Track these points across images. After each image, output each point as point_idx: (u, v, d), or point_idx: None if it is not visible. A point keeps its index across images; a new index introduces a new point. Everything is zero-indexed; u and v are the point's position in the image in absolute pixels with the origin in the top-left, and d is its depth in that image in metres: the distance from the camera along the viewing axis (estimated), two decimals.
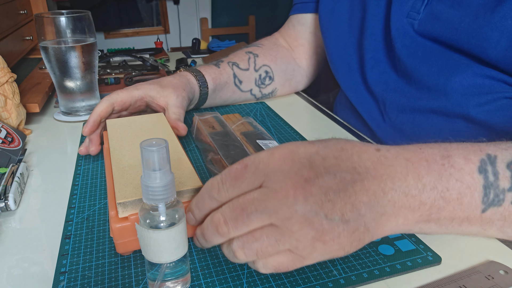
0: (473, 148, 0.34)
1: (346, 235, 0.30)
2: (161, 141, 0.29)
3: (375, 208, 0.31)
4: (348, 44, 0.67)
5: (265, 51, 0.76)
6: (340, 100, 0.77)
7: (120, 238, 0.35)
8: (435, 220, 0.33)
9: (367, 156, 0.32)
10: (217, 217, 0.31)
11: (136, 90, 0.58)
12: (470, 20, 0.48)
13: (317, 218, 0.29)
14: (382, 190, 0.31)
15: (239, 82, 0.72)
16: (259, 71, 0.74)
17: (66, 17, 0.66)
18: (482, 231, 0.35)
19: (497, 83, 0.50)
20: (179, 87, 0.61)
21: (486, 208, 0.33)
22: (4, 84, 0.61)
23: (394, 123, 0.61)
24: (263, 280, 0.34)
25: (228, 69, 0.71)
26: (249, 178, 0.31)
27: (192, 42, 1.25)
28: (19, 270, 0.36)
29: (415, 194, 0.32)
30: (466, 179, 0.33)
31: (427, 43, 0.55)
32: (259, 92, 0.76)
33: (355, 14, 0.66)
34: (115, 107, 0.56)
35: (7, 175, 0.47)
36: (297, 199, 0.29)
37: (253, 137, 0.54)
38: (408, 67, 0.57)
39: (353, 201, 0.30)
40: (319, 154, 0.31)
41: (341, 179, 0.30)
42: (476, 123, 0.52)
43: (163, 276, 0.31)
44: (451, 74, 0.52)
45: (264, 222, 0.30)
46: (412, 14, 0.56)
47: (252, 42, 0.81)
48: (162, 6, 3.37)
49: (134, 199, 0.35)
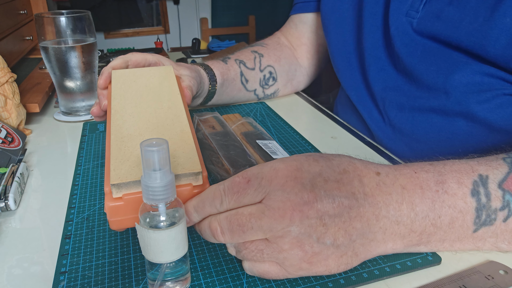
0: (466, 169, 0.35)
1: (334, 258, 0.31)
2: (161, 141, 0.29)
3: (366, 234, 0.32)
4: (348, 41, 0.67)
5: (270, 51, 0.76)
6: (340, 100, 0.77)
7: (113, 216, 0.34)
8: (425, 243, 0.34)
9: (367, 181, 0.33)
10: (214, 226, 0.32)
11: (151, 55, 0.58)
12: (470, 18, 0.48)
13: (309, 240, 0.30)
14: (376, 217, 0.32)
15: (246, 80, 0.72)
16: (264, 71, 0.74)
17: (66, 17, 0.66)
18: (476, 248, 0.35)
19: (496, 80, 0.50)
20: (192, 69, 0.61)
21: (478, 228, 0.34)
22: (4, 84, 0.61)
23: (393, 122, 0.61)
24: (263, 280, 0.34)
25: (236, 66, 0.71)
26: (250, 194, 0.31)
27: (192, 42, 1.25)
28: (19, 270, 0.36)
29: (407, 223, 0.33)
30: (459, 204, 0.33)
31: (426, 41, 0.55)
32: (262, 92, 0.76)
33: (354, 11, 0.66)
34: (129, 66, 0.56)
35: (7, 175, 0.47)
36: (293, 221, 0.30)
37: (253, 137, 0.54)
38: (407, 66, 0.57)
39: (347, 227, 0.31)
40: (322, 175, 0.32)
41: (339, 204, 0.31)
42: (476, 121, 0.52)
43: (163, 276, 0.31)
44: (450, 72, 0.52)
45: (259, 237, 0.31)
46: (411, 13, 0.56)
47: (252, 42, 0.81)
48: (162, 6, 3.37)
49: (129, 181, 0.33)
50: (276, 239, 0.30)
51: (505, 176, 0.34)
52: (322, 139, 0.62)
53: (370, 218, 0.32)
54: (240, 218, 0.31)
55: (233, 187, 0.32)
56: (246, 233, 0.31)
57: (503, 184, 0.33)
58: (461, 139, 0.54)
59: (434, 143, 0.56)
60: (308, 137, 0.61)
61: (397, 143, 0.61)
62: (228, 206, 0.32)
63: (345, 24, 0.68)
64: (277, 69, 0.76)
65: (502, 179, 0.34)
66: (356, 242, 0.32)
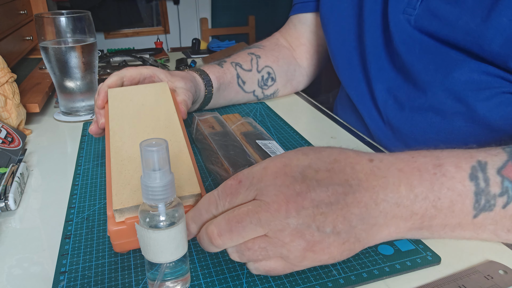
0: (464, 155, 0.35)
1: (337, 245, 0.31)
2: (161, 141, 0.29)
3: (366, 219, 0.32)
4: (348, 40, 0.68)
5: (267, 52, 0.76)
6: (340, 99, 0.77)
7: (117, 240, 0.35)
8: (427, 227, 0.34)
9: (360, 168, 0.33)
10: (211, 229, 0.32)
11: (146, 69, 0.58)
12: (467, 18, 0.49)
13: (309, 230, 0.30)
14: (374, 202, 0.32)
15: (243, 82, 0.72)
16: (261, 72, 0.74)
17: (66, 17, 0.66)
18: (476, 235, 0.35)
19: (494, 78, 0.50)
20: (187, 78, 0.61)
21: (478, 213, 0.34)
22: (4, 84, 0.62)
23: (392, 122, 0.61)
24: (262, 280, 0.34)
25: (232, 69, 0.71)
26: (243, 194, 0.32)
27: (192, 42, 1.25)
28: (19, 270, 0.36)
29: (407, 205, 0.33)
30: (457, 187, 0.33)
31: (424, 39, 0.55)
32: (261, 93, 0.76)
33: (354, 10, 0.66)
34: (124, 82, 0.56)
35: (7, 175, 0.47)
36: (289, 213, 0.30)
37: (252, 137, 0.55)
38: (406, 64, 0.57)
39: (345, 213, 0.31)
40: (311, 167, 0.32)
41: (333, 192, 0.31)
42: (475, 121, 0.52)
43: (163, 276, 0.31)
44: (448, 71, 0.53)
45: (258, 234, 0.31)
46: (408, 10, 0.56)
47: (252, 42, 0.81)
48: (162, 6, 3.37)
49: (131, 205, 0.35)
50: (276, 234, 0.30)
51: (504, 163, 0.34)
52: (321, 139, 0.62)
53: (368, 203, 0.32)
54: (238, 215, 0.31)
55: (225, 190, 0.32)
56: (246, 228, 0.30)
57: (502, 171, 0.33)
58: (460, 140, 0.54)
59: (433, 144, 0.57)
60: (308, 137, 0.61)
61: (396, 144, 0.61)
62: (223, 208, 0.33)
63: (344, 23, 0.68)
64: (275, 69, 0.76)
65: (501, 166, 0.34)
66: (357, 228, 0.32)
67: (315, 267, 0.35)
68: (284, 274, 0.33)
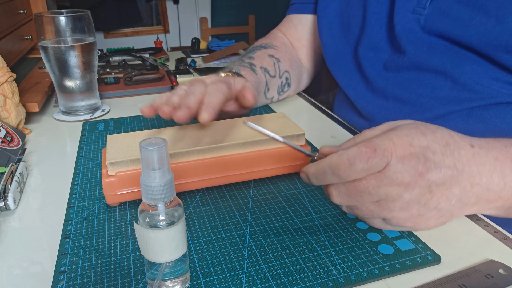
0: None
1: (435, 219, 0.37)
2: (160, 140, 0.29)
3: (463, 199, 0.37)
4: (341, 42, 0.67)
5: (283, 54, 0.75)
6: (339, 98, 0.77)
7: (109, 191, 0.43)
8: (505, 209, 0.39)
9: (464, 153, 0.37)
10: (330, 191, 0.37)
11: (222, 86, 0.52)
12: (481, 18, 0.48)
13: (417, 206, 0.35)
14: (471, 185, 0.37)
15: (267, 90, 0.70)
16: (282, 77, 0.73)
17: (66, 17, 0.66)
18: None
19: (503, 85, 0.50)
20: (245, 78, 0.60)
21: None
22: (4, 84, 0.61)
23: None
24: (262, 280, 0.34)
25: (262, 77, 0.68)
26: (376, 164, 0.34)
27: (192, 41, 1.25)
28: (19, 269, 0.36)
29: (497, 190, 0.38)
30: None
31: (433, 39, 0.54)
32: (277, 99, 0.74)
33: (349, 12, 0.66)
34: None
35: (7, 175, 0.47)
36: (407, 189, 0.34)
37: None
38: (413, 64, 0.57)
39: (448, 193, 0.36)
40: (430, 149, 0.35)
41: (444, 174, 0.35)
42: (484, 122, 0.52)
43: (162, 275, 0.31)
44: (459, 68, 0.52)
45: (373, 200, 0.36)
46: (418, 10, 0.55)
47: (252, 42, 0.81)
48: (162, 5, 3.37)
49: (122, 159, 0.42)
50: (388, 203, 0.35)
51: None
52: (321, 138, 0.62)
53: (466, 185, 0.36)
54: (360, 185, 0.35)
55: (360, 157, 0.34)
56: (363, 197, 0.35)
57: None
58: None
59: None
60: (308, 136, 0.61)
61: None
62: (354, 175, 0.34)
63: (335, 25, 0.68)
64: (291, 74, 0.75)
65: None
66: (454, 206, 0.37)
67: (315, 267, 0.35)
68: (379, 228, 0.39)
